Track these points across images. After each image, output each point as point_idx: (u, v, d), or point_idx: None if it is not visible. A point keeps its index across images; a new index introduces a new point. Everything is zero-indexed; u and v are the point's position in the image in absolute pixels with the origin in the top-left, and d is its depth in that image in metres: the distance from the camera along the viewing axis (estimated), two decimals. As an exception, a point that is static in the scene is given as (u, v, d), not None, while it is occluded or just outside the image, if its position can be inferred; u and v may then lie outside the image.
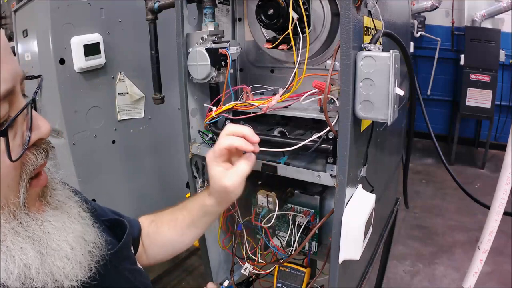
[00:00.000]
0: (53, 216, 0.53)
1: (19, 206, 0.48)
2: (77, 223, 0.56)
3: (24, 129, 0.47)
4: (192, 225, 0.85)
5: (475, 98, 3.92)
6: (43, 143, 0.51)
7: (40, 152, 0.50)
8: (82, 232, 0.55)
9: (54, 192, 0.55)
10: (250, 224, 1.06)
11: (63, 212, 0.55)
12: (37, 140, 0.49)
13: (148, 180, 1.96)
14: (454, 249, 2.77)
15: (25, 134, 0.47)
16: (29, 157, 0.48)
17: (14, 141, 0.46)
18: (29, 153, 0.48)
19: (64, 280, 0.50)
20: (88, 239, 0.56)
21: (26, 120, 0.47)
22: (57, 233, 0.52)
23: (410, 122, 1.31)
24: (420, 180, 3.90)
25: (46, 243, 0.50)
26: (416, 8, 4.22)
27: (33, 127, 0.48)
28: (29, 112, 0.47)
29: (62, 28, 1.46)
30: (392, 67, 0.70)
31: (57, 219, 0.53)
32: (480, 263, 1.22)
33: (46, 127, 0.49)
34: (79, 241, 0.54)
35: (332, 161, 0.81)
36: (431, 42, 4.50)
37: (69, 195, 0.59)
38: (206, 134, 0.98)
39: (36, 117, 0.49)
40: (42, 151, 0.50)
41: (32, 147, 0.49)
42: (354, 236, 0.79)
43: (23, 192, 0.48)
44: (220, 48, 0.89)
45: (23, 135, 0.47)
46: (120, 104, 1.73)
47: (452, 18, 4.40)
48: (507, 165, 1.11)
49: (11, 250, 0.46)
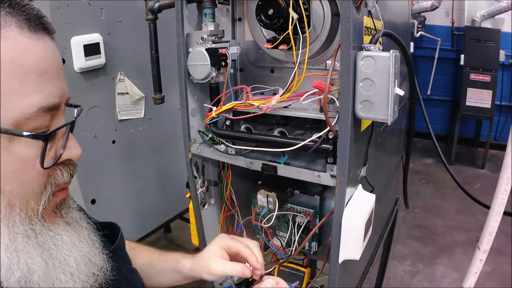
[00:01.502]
0: (65, 231, 0.54)
1: (37, 213, 0.49)
2: (85, 244, 0.57)
3: (59, 145, 0.51)
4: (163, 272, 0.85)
5: (475, 98, 3.92)
6: (71, 164, 0.54)
7: (67, 170, 0.53)
8: (89, 253, 0.56)
9: (70, 209, 0.58)
10: (250, 224, 1.06)
11: (75, 230, 0.56)
12: (66, 159, 0.52)
13: (148, 180, 1.96)
14: (454, 249, 2.77)
15: (59, 150, 0.51)
16: (57, 172, 0.51)
17: (49, 152, 0.49)
18: (57, 168, 0.52)
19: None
20: (94, 261, 0.57)
21: (63, 138, 0.51)
22: (66, 248, 0.53)
23: (410, 122, 1.31)
24: (420, 180, 3.90)
25: (54, 255, 0.51)
26: (416, 8, 4.22)
27: (67, 147, 0.51)
28: (67, 132, 0.51)
29: (62, 28, 1.46)
30: (392, 67, 0.70)
31: (68, 234, 0.54)
32: (480, 263, 1.23)
33: (78, 151, 0.53)
34: (85, 260, 0.55)
35: (332, 161, 0.81)
36: (431, 42, 4.50)
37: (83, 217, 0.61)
38: (206, 134, 0.98)
39: (71, 139, 0.53)
40: (69, 170, 0.53)
41: (60, 164, 0.52)
42: (354, 236, 0.79)
43: (44, 202, 0.50)
44: (220, 48, 0.89)
45: (57, 151, 0.51)
46: (120, 104, 1.73)
47: (452, 18, 4.40)
48: (507, 165, 1.11)
49: (19, 251, 0.47)
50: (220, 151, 0.95)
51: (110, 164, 1.74)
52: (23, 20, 0.44)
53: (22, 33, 0.44)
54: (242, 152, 0.93)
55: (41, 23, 0.47)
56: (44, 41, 0.47)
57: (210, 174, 1.10)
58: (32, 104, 0.45)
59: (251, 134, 0.92)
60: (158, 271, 0.85)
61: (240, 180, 1.16)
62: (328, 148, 0.80)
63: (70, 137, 0.52)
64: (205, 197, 1.09)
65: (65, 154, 0.51)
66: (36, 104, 0.45)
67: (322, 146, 0.80)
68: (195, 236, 1.16)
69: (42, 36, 0.46)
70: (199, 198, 1.07)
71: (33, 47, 0.45)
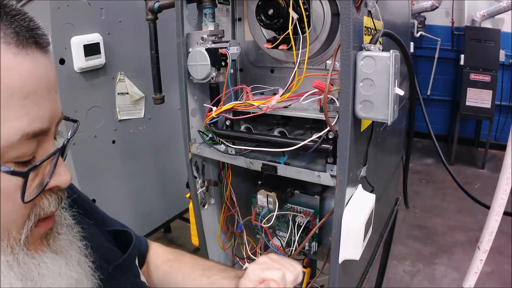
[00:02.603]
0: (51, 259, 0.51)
1: (19, 242, 0.46)
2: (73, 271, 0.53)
3: (45, 172, 0.46)
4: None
5: (475, 98, 3.92)
6: (60, 190, 0.50)
7: (54, 199, 0.49)
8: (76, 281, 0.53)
9: (58, 237, 0.54)
10: (250, 224, 1.06)
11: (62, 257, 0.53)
12: (54, 186, 0.48)
13: (148, 180, 1.96)
14: (454, 249, 2.77)
15: (45, 178, 0.46)
16: (42, 201, 0.47)
17: (33, 181, 0.45)
18: (43, 197, 0.47)
19: None
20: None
21: (51, 164, 0.46)
22: (51, 277, 0.50)
23: (410, 122, 1.31)
24: (420, 180, 3.90)
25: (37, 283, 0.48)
26: (416, 8, 4.22)
27: (55, 173, 0.47)
28: (55, 158, 0.46)
29: (62, 28, 1.46)
30: (392, 67, 0.70)
31: (54, 262, 0.51)
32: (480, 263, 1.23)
33: (67, 177, 0.48)
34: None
35: (332, 161, 0.81)
36: (431, 42, 4.50)
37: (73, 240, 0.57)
38: (206, 134, 0.98)
39: (60, 165, 0.48)
40: (56, 198, 0.49)
41: (47, 191, 0.48)
42: (354, 236, 0.79)
43: (26, 231, 0.46)
44: (220, 48, 0.89)
45: (43, 179, 0.46)
46: (120, 104, 1.73)
47: (452, 18, 4.40)
48: (507, 165, 1.11)
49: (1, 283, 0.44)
50: (220, 151, 0.95)
51: (110, 164, 1.74)
52: (11, 33, 0.39)
53: (7, 49, 0.39)
54: (242, 152, 0.93)
55: (32, 36, 0.41)
56: (34, 57, 0.41)
57: (210, 174, 1.10)
58: (15, 131, 0.40)
59: (251, 134, 0.92)
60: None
61: (240, 180, 1.16)
62: (328, 148, 0.80)
63: (59, 162, 0.47)
64: (205, 197, 1.09)
65: (53, 181, 0.47)
66: (20, 130, 0.40)
67: (322, 146, 0.80)
68: (195, 236, 1.16)
69: (31, 52, 0.41)
70: (199, 198, 1.07)
71: (19, 65, 0.40)
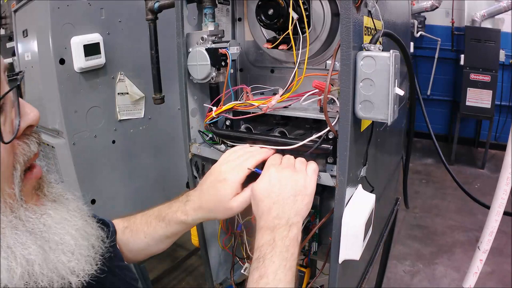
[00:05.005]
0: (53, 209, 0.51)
1: (15, 198, 0.46)
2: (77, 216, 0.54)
3: (12, 116, 0.46)
4: (171, 236, 0.83)
5: (475, 98, 3.92)
6: (34, 132, 0.50)
7: (32, 141, 0.49)
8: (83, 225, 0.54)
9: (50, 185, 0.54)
10: (250, 224, 1.06)
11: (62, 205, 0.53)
12: (27, 128, 0.48)
13: (148, 180, 1.96)
14: (454, 249, 2.77)
15: (14, 121, 0.46)
16: (22, 146, 0.47)
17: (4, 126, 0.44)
18: (21, 142, 0.47)
19: (70, 276, 0.48)
20: (90, 232, 0.55)
21: (14, 107, 0.46)
22: (59, 226, 0.50)
23: (410, 122, 1.31)
24: (420, 180, 3.90)
25: (48, 237, 0.48)
26: (416, 8, 4.22)
27: (21, 114, 0.47)
28: (16, 99, 0.46)
29: (62, 28, 1.46)
30: (392, 67, 0.70)
31: (57, 212, 0.51)
32: (480, 263, 1.22)
33: (34, 114, 0.48)
34: (81, 234, 0.52)
35: (332, 161, 0.81)
36: (431, 42, 4.50)
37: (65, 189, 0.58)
38: (206, 134, 0.98)
39: (24, 105, 0.48)
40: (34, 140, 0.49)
41: (23, 136, 0.48)
42: (354, 236, 0.79)
43: (18, 182, 0.46)
44: (220, 48, 0.89)
45: (12, 123, 0.46)
46: (120, 104, 1.73)
47: (452, 18, 4.40)
48: (507, 165, 1.11)
49: (12, 246, 0.44)
50: (220, 151, 0.95)
51: (110, 164, 1.74)
52: None
53: None
54: (242, 152, 0.93)
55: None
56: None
57: (210, 174, 1.09)
58: None
59: (251, 134, 0.92)
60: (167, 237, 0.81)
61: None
62: (328, 148, 0.80)
63: (22, 103, 0.47)
64: (205, 197, 1.09)
65: (23, 122, 0.47)
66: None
67: (322, 146, 0.80)
68: (195, 236, 1.16)
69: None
70: (199, 198, 1.07)
71: None
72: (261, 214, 0.69)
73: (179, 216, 0.79)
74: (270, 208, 0.68)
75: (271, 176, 0.72)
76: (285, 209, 0.68)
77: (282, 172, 0.73)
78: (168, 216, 0.81)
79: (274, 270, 0.61)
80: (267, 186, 0.70)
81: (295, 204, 0.69)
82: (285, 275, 0.61)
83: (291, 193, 0.70)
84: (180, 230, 0.82)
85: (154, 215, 0.84)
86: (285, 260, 0.63)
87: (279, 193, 0.70)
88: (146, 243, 0.82)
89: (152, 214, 0.84)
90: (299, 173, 0.74)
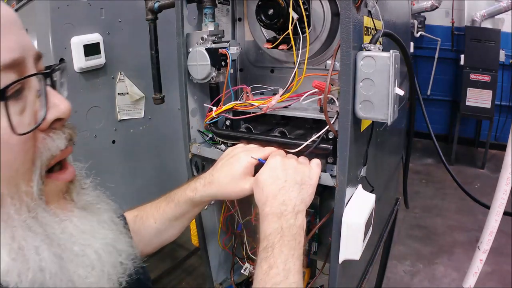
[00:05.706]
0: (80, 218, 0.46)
1: (33, 196, 0.41)
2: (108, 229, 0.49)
3: (36, 107, 0.41)
4: (181, 218, 0.82)
5: (475, 98, 3.93)
6: (66, 126, 0.44)
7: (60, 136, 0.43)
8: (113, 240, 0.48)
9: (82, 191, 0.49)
10: (250, 224, 1.06)
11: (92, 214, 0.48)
12: (56, 122, 0.42)
13: (148, 180, 1.96)
14: (454, 249, 2.77)
15: (39, 113, 0.41)
16: (45, 141, 0.41)
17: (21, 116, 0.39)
18: (46, 136, 0.42)
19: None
20: (120, 248, 0.50)
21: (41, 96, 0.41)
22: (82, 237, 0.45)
23: (410, 122, 1.31)
24: (420, 180, 3.90)
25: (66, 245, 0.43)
26: (416, 8, 4.22)
27: (49, 106, 0.41)
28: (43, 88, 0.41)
29: (62, 28, 1.46)
30: (392, 67, 0.70)
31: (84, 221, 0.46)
32: (480, 263, 1.22)
33: (65, 105, 0.42)
34: (108, 249, 0.47)
35: (332, 161, 0.81)
36: (431, 42, 4.50)
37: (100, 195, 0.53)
38: (206, 134, 0.98)
39: (54, 95, 0.42)
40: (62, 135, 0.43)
41: (49, 130, 0.42)
42: (354, 236, 0.79)
43: (37, 180, 0.41)
44: (220, 48, 0.89)
45: (36, 114, 0.41)
46: (120, 104, 1.73)
47: (452, 18, 4.40)
48: (507, 165, 1.11)
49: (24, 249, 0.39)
50: (221, 150, 0.95)
51: (110, 164, 1.74)
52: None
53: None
54: (242, 152, 0.93)
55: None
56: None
57: (210, 174, 1.09)
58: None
59: (251, 134, 0.92)
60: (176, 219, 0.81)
61: (240, 180, 1.16)
62: (328, 148, 0.80)
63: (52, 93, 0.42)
64: (205, 197, 1.09)
65: (50, 114, 0.41)
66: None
67: (322, 146, 0.80)
68: (195, 236, 1.16)
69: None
70: (199, 198, 1.07)
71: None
72: (265, 200, 0.67)
73: (188, 193, 0.78)
74: (276, 194, 0.67)
75: (277, 162, 0.72)
76: (291, 196, 0.67)
77: (288, 160, 0.73)
78: (177, 196, 0.80)
79: (283, 260, 0.60)
80: (273, 172, 0.70)
81: (300, 192, 0.69)
82: (294, 264, 0.60)
83: (297, 180, 0.70)
84: (187, 209, 0.80)
85: (164, 199, 0.84)
86: (293, 249, 0.62)
87: (286, 179, 0.69)
88: (156, 228, 0.82)
89: (163, 198, 0.84)
90: (304, 164, 0.75)
